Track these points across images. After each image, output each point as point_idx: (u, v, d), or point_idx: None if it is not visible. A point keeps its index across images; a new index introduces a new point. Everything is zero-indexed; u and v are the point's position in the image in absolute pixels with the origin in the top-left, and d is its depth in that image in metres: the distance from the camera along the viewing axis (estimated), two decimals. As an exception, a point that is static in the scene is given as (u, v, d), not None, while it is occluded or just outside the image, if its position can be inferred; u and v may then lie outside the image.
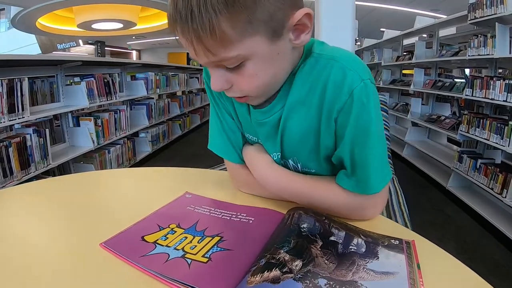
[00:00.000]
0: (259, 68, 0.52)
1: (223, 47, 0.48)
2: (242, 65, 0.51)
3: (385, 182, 0.60)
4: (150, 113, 4.13)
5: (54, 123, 3.05)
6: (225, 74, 0.53)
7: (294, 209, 0.61)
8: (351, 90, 0.54)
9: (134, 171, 0.94)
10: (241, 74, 0.53)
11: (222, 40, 0.47)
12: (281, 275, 0.43)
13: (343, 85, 0.55)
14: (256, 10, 0.46)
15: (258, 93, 0.58)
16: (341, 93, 0.55)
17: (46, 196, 0.73)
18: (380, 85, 5.09)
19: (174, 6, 0.47)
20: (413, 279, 0.44)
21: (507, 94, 2.32)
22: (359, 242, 0.53)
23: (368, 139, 0.57)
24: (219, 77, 0.54)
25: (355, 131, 0.56)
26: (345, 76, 0.55)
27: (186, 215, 0.62)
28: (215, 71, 0.54)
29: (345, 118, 0.56)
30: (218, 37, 0.46)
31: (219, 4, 0.44)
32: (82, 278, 0.45)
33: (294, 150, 0.66)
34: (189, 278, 0.43)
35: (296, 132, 0.63)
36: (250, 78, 0.53)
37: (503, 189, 2.30)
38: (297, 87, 0.60)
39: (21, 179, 2.08)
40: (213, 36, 0.46)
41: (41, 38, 11.86)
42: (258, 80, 0.54)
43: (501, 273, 1.93)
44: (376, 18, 8.62)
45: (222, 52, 0.48)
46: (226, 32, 0.46)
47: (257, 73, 0.53)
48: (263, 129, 0.66)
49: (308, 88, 0.59)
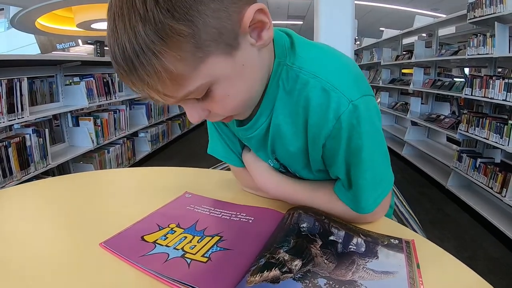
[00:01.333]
0: (228, 88, 0.46)
1: (179, 85, 0.43)
2: (209, 92, 0.46)
3: (377, 202, 0.57)
4: (150, 112, 4.13)
5: (54, 123, 3.05)
6: (198, 105, 0.49)
7: (294, 208, 0.61)
8: (338, 115, 0.49)
9: (133, 171, 0.93)
10: (213, 101, 0.47)
11: (175, 79, 0.41)
12: (281, 275, 0.43)
13: (328, 110, 0.49)
14: (198, 32, 0.40)
15: (239, 111, 0.53)
16: (327, 119, 0.50)
17: (45, 196, 0.73)
18: (380, 85, 5.09)
19: (115, 62, 0.42)
20: (413, 279, 0.44)
21: (507, 93, 2.32)
22: (358, 242, 0.53)
23: (361, 163, 0.53)
24: (193, 109, 0.49)
25: (347, 154, 0.52)
26: (330, 99, 0.49)
27: (186, 215, 0.62)
28: (187, 105, 0.49)
29: (335, 144, 0.52)
30: (169, 78, 0.41)
31: (155, 43, 0.38)
32: (82, 278, 0.45)
33: (288, 163, 0.64)
34: (189, 278, 0.43)
35: (285, 150, 0.59)
36: (223, 101, 0.48)
37: (502, 188, 2.30)
38: (281, 101, 0.55)
39: (20, 179, 2.08)
40: (164, 80, 0.41)
41: (40, 38, 11.86)
42: (233, 101, 0.49)
43: (501, 272, 1.93)
44: (375, 17, 8.62)
45: (182, 91, 0.43)
46: (175, 70, 0.40)
47: (228, 93, 0.47)
48: (251, 142, 0.64)
49: (290, 105, 0.54)
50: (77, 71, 3.08)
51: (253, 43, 0.47)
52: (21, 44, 11.43)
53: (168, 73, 0.40)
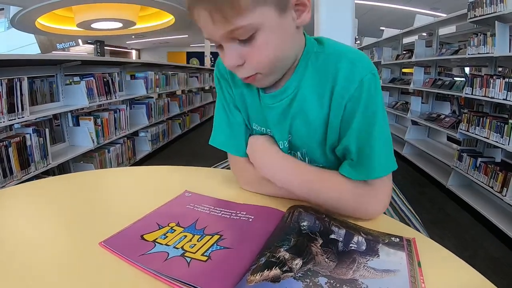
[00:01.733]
0: (269, 38, 0.55)
1: (238, 14, 0.51)
2: (253, 37, 0.54)
3: (389, 170, 0.61)
4: (150, 112, 4.13)
5: (54, 123, 3.05)
6: (238, 48, 0.56)
7: (294, 207, 0.61)
8: (361, 79, 0.58)
9: (133, 170, 0.93)
10: (253, 46, 0.55)
11: (238, 6, 0.50)
12: (281, 274, 0.43)
13: (354, 75, 0.59)
14: None
15: (269, 69, 0.59)
16: (351, 82, 0.59)
17: (45, 196, 0.73)
18: (380, 84, 5.08)
19: None
20: (414, 277, 0.44)
21: (507, 92, 2.32)
22: (359, 240, 0.52)
23: (374, 128, 0.59)
24: (233, 51, 0.56)
25: (362, 119, 0.59)
26: (355, 67, 0.59)
27: (186, 214, 0.62)
28: (228, 47, 0.56)
29: (354, 105, 0.59)
30: (235, 3, 0.50)
31: None
32: (81, 277, 0.45)
33: (303, 142, 0.68)
34: (189, 277, 0.43)
35: (306, 122, 0.65)
36: (261, 49, 0.55)
37: (503, 188, 2.30)
38: (309, 78, 0.63)
39: (21, 179, 2.08)
40: (230, 3, 0.50)
41: (41, 38, 11.86)
42: (268, 51, 0.56)
43: (501, 272, 1.93)
44: (375, 16, 8.61)
45: (237, 20, 0.51)
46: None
47: (267, 42, 0.55)
48: (273, 113, 0.68)
49: (319, 79, 0.63)
50: (77, 70, 3.07)
51: (294, 18, 0.57)
52: (21, 44, 11.43)
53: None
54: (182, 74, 5.54)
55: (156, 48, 18.42)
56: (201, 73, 6.88)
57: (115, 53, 16.31)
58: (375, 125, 0.59)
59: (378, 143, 0.59)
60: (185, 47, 18.27)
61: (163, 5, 8.11)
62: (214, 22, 0.52)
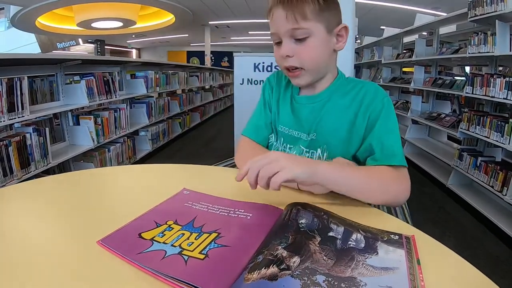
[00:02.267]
0: (316, 45, 0.76)
1: (303, 19, 0.73)
2: (306, 39, 0.76)
3: (405, 162, 0.73)
4: (150, 111, 4.13)
5: (54, 122, 3.05)
6: (293, 45, 0.77)
7: (293, 204, 0.60)
8: (382, 99, 0.78)
9: (131, 168, 0.93)
10: (304, 46, 0.76)
11: (304, 14, 0.73)
12: (279, 272, 0.43)
13: (377, 96, 0.79)
14: (335, 10, 0.78)
15: (309, 67, 0.78)
16: (375, 100, 0.78)
17: (43, 194, 0.73)
18: (380, 83, 5.08)
19: None
20: (413, 275, 0.44)
21: (508, 91, 2.31)
22: (358, 238, 0.52)
23: (392, 133, 0.76)
24: (289, 44, 0.77)
25: (383, 125, 0.76)
26: (377, 92, 0.80)
27: (184, 212, 0.62)
28: (287, 41, 0.77)
29: (377, 115, 0.77)
30: (305, 11, 0.73)
31: None
32: (79, 275, 0.44)
33: (325, 139, 0.82)
34: (186, 275, 0.43)
35: (331, 123, 0.82)
36: (308, 49, 0.76)
37: (503, 187, 2.30)
38: (340, 93, 0.83)
39: (21, 178, 2.08)
40: (309, 5, 0.73)
41: (41, 37, 11.87)
42: (313, 53, 0.77)
43: (501, 271, 1.93)
44: (376, 15, 8.60)
45: (301, 23, 0.73)
46: (317, 7, 0.73)
47: (314, 47, 0.76)
48: (305, 112, 0.86)
49: (350, 98, 0.81)
50: (77, 70, 3.07)
51: (334, 42, 0.80)
52: (22, 43, 11.43)
53: (315, 4, 0.73)
54: (182, 73, 5.53)
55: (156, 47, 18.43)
56: (201, 72, 6.87)
57: (115, 52, 16.31)
58: (393, 131, 0.76)
59: (396, 143, 0.75)
60: (185, 46, 18.28)
61: (163, 4, 8.11)
62: (287, 19, 0.74)
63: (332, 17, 0.77)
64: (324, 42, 0.77)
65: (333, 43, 0.79)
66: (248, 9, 9.19)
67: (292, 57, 0.77)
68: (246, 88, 2.80)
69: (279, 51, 0.79)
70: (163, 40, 15.86)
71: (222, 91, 8.74)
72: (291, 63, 0.78)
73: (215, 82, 8.13)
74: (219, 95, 8.42)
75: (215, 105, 7.93)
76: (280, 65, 0.82)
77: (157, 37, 14.20)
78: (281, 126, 0.90)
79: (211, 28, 12.14)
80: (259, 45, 17.08)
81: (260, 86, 2.74)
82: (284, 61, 0.79)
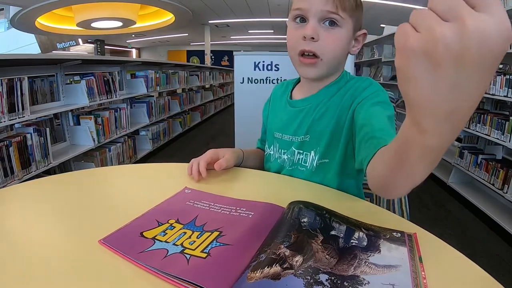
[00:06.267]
0: (341, 36, 0.74)
1: (341, 7, 0.71)
2: (333, 28, 0.73)
3: None
4: (150, 111, 4.13)
5: (55, 122, 3.05)
6: (320, 28, 0.73)
7: (294, 203, 0.60)
8: (370, 82, 0.77)
9: (132, 167, 0.93)
10: (330, 33, 0.73)
11: (343, 4, 0.71)
12: (282, 271, 0.43)
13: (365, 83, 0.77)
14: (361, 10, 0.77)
15: (329, 58, 0.74)
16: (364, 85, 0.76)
17: (45, 194, 0.73)
18: (381, 81, 5.08)
19: None
20: (416, 272, 0.44)
21: (508, 89, 2.31)
22: (360, 236, 0.52)
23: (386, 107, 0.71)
24: (317, 26, 0.72)
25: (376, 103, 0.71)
26: (370, 82, 0.77)
27: (185, 210, 0.61)
28: (315, 23, 0.72)
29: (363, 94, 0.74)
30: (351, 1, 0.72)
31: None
32: (81, 275, 0.44)
33: (318, 141, 0.79)
34: (188, 274, 0.43)
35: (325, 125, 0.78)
36: (335, 38, 0.73)
37: (504, 185, 2.30)
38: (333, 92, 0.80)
39: (22, 178, 2.08)
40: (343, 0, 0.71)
41: (41, 38, 11.86)
42: (338, 44, 0.74)
43: (502, 269, 1.93)
44: (376, 14, 8.59)
45: (339, 10, 0.71)
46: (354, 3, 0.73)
47: (338, 38, 0.74)
48: (299, 116, 0.83)
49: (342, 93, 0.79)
50: (77, 70, 3.07)
51: (352, 45, 0.79)
52: (22, 44, 11.43)
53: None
54: (182, 73, 5.53)
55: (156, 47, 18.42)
56: (201, 72, 6.86)
57: (115, 52, 16.31)
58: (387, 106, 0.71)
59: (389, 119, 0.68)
60: (185, 45, 18.28)
61: (163, 4, 8.11)
62: (327, 0, 0.70)
63: (360, 19, 0.77)
64: (348, 39, 0.75)
65: (351, 45, 0.78)
66: (247, 8, 9.19)
67: (315, 41, 0.72)
68: (247, 87, 2.80)
69: (301, 30, 0.73)
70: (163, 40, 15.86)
71: (222, 90, 8.74)
72: (312, 48, 0.72)
73: (215, 81, 8.13)
74: (220, 94, 8.42)
75: (216, 104, 7.93)
76: (294, 48, 0.75)
77: (157, 36, 14.20)
78: (277, 133, 0.88)
79: (211, 27, 12.14)
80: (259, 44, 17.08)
81: (260, 85, 2.76)
82: (304, 44, 0.73)
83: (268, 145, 0.93)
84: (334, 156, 0.78)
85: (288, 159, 0.85)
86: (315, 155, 0.80)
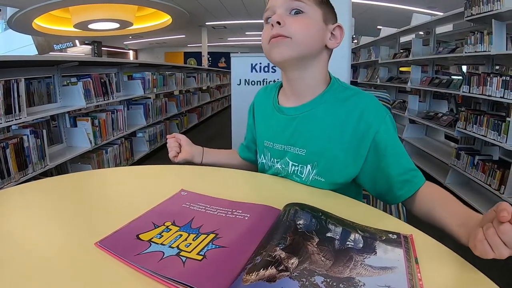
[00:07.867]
0: (307, 22, 0.73)
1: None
2: (300, 14, 0.73)
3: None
4: (147, 112, 4.12)
5: (51, 124, 3.04)
6: (286, 16, 0.73)
7: (290, 205, 0.60)
8: (385, 117, 0.73)
9: (129, 169, 0.93)
10: (295, 17, 0.73)
11: None
12: (277, 273, 0.43)
13: (378, 114, 0.73)
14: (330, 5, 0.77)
15: (299, 38, 0.72)
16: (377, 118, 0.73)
17: (41, 196, 0.73)
18: (378, 83, 5.09)
19: None
20: (411, 274, 0.44)
21: (504, 90, 2.32)
22: (356, 238, 0.52)
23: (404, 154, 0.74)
24: (281, 13, 0.73)
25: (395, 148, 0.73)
26: (378, 108, 0.74)
27: (181, 213, 0.61)
28: (281, 12, 0.73)
29: (385, 140, 0.72)
30: None
31: None
32: (77, 277, 0.44)
33: (317, 156, 0.77)
34: (184, 276, 0.43)
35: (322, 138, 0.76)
36: (301, 22, 0.72)
37: (500, 185, 2.30)
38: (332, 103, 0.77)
39: (18, 180, 2.07)
40: None
41: (38, 39, 11.82)
42: (305, 27, 0.73)
43: (500, 270, 1.93)
44: (372, 15, 8.62)
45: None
46: None
47: (305, 23, 0.73)
48: (292, 124, 0.80)
49: (346, 111, 0.75)
50: (74, 71, 3.06)
51: (328, 37, 0.77)
52: (18, 45, 11.40)
53: None
54: (179, 74, 5.52)
55: (153, 49, 18.39)
56: (198, 73, 6.86)
57: (112, 54, 16.27)
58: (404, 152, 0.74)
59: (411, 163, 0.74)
60: (183, 47, 18.26)
61: (160, 6, 8.10)
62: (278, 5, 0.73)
63: (329, 11, 0.76)
64: (318, 26, 0.74)
65: (327, 37, 0.76)
66: (244, 10, 9.19)
67: (282, 26, 0.71)
68: (244, 89, 2.80)
69: (269, 27, 0.73)
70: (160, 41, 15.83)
71: (219, 91, 8.74)
72: (279, 31, 0.72)
73: (213, 83, 8.13)
74: (217, 96, 8.42)
75: (213, 105, 7.92)
76: (265, 41, 0.75)
77: (154, 38, 14.18)
78: (266, 141, 0.86)
79: (208, 29, 12.14)
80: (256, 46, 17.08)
81: (257, 86, 2.75)
82: (275, 28, 0.72)
83: (259, 154, 0.91)
84: (333, 179, 0.76)
85: (282, 169, 0.83)
86: (312, 169, 0.78)
